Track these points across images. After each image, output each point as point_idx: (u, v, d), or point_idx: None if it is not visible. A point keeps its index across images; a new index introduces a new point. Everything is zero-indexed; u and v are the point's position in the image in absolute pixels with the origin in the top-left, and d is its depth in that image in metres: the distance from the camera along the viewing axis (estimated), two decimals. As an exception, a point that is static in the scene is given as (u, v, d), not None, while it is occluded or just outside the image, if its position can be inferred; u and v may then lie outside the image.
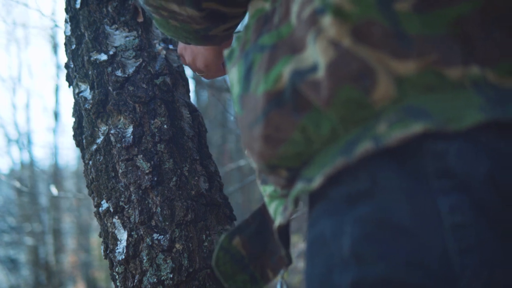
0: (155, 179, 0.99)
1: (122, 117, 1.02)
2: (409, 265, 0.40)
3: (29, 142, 7.56)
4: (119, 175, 1.00)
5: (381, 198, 0.41)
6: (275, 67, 0.47)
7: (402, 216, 0.40)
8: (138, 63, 1.05)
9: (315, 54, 0.44)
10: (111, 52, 1.05)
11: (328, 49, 0.43)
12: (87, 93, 1.05)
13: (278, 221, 0.54)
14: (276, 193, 0.56)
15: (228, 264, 0.65)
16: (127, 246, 0.98)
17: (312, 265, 0.46)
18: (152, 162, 0.99)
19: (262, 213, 0.67)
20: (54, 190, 2.98)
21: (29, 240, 6.82)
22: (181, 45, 0.87)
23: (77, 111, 1.08)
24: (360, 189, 0.42)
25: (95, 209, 1.05)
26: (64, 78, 1.13)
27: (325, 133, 0.45)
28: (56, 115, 7.46)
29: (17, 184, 4.15)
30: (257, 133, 0.48)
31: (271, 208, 0.57)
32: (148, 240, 0.97)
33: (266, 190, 0.59)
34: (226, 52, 0.56)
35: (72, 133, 1.09)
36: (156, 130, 1.02)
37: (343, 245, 0.42)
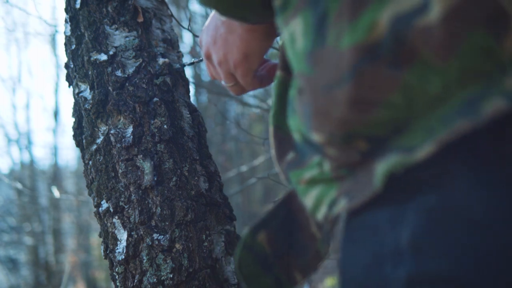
0: (155, 179, 0.99)
1: (122, 117, 1.02)
2: (479, 264, 0.35)
3: (29, 142, 7.56)
4: (119, 175, 1.00)
5: (452, 187, 0.37)
6: (364, 13, 0.38)
7: (475, 208, 0.36)
8: (138, 63, 1.05)
9: None
10: (111, 52, 1.05)
11: None
12: (87, 93, 1.05)
13: (324, 209, 0.45)
14: (324, 176, 0.46)
15: (252, 265, 0.57)
16: (127, 246, 0.98)
17: (353, 254, 0.42)
18: (152, 162, 0.99)
19: (287, 205, 0.58)
20: (56, 192, 2.98)
21: (29, 240, 6.83)
22: (207, 41, 0.68)
23: (77, 111, 1.08)
24: (428, 175, 0.37)
25: (95, 209, 1.05)
26: (64, 78, 1.13)
27: (434, 91, 0.37)
28: (56, 115, 7.47)
29: (19, 185, 4.14)
30: (341, 96, 0.40)
31: (311, 195, 0.47)
32: (148, 240, 0.97)
33: (302, 175, 0.49)
34: (277, 1, 0.46)
35: (72, 133, 1.09)
36: (156, 130, 1.02)
37: (401, 235, 0.38)
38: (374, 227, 0.40)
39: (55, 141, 7.60)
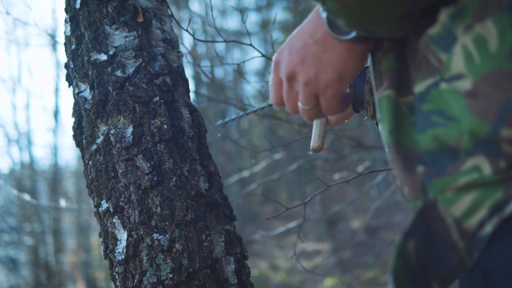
0: (155, 179, 0.99)
1: (122, 117, 1.02)
2: None
3: (29, 142, 7.57)
4: (119, 175, 1.00)
5: None
6: None
7: None
8: (138, 63, 1.05)
9: None
10: (111, 52, 1.05)
11: None
12: (87, 93, 1.05)
13: (482, 213, 0.47)
14: (484, 180, 0.47)
15: (403, 273, 0.56)
16: (127, 246, 0.98)
17: None
18: (152, 162, 0.99)
19: (423, 216, 0.57)
20: (62, 203, 2.99)
21: (29, 240, 6.83)
22: (292, 61, 0.65)
23: (77, 111, 1.08)
24: None
25: (95, 209, 1.05)
26: (64, 78, 1.13)
27: None
28: (56, 115, 7.48)
29: (24, 196, 4.16)
30: None
31: (463, 202, 0.49)
32: (148, 240, 0.97)
33: (454, 181, 0.50)
34: (449, 10, 0.50)
35: (72, 133, 1.09)
36: (156, 130, 1.02)
37: None
38: None
39: (55, 141, 7.62)
